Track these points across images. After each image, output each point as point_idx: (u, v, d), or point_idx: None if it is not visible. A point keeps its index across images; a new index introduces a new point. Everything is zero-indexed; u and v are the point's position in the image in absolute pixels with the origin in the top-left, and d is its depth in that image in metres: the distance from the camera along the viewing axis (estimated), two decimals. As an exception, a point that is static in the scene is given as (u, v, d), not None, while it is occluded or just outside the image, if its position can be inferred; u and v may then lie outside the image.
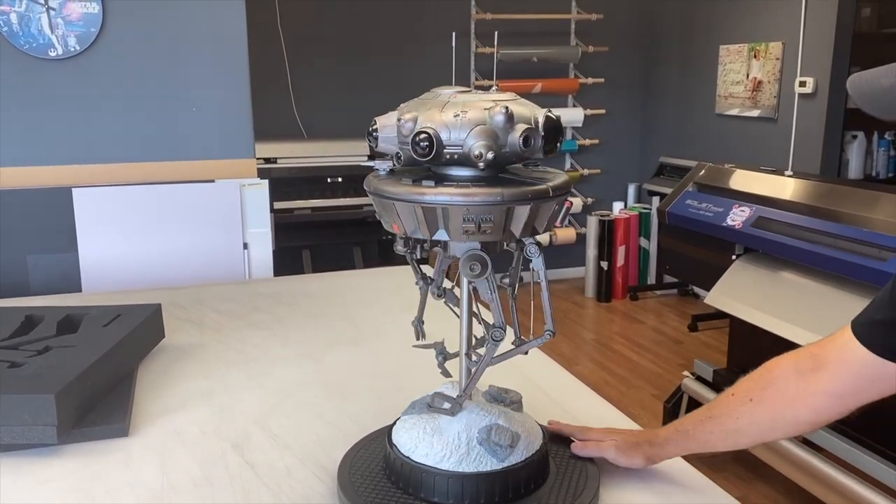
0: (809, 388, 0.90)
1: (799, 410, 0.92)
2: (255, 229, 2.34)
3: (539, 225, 0.91)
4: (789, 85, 4.17)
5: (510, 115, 0.86)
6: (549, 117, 0.91)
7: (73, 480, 1.04)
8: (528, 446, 0.95)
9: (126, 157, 2.26)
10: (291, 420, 1.21)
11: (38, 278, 2.14)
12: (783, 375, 0.93)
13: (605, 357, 4.07)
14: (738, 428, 0.96)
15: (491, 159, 0.85)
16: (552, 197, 0.89)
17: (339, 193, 4.19)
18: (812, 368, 0.91)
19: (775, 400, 0.93)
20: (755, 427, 0.95)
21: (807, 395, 0.91)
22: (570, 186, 0.94)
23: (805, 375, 0.91)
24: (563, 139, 0.94)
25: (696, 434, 0.99)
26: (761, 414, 0.94)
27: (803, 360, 0.92)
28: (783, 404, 0.93)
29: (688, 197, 2.80)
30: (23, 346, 1.30)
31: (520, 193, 0.87)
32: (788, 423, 0.95)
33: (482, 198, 0.85)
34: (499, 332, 0.92)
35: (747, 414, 0.95)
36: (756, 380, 0.96)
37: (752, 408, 0.94)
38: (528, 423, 0.99)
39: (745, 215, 2.51)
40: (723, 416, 0.97)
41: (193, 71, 2.29)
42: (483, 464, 0.92)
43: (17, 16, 2.09)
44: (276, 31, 4.44)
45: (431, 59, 4.78)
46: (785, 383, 0.93)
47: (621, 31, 5.26)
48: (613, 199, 5.30)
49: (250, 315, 1.75)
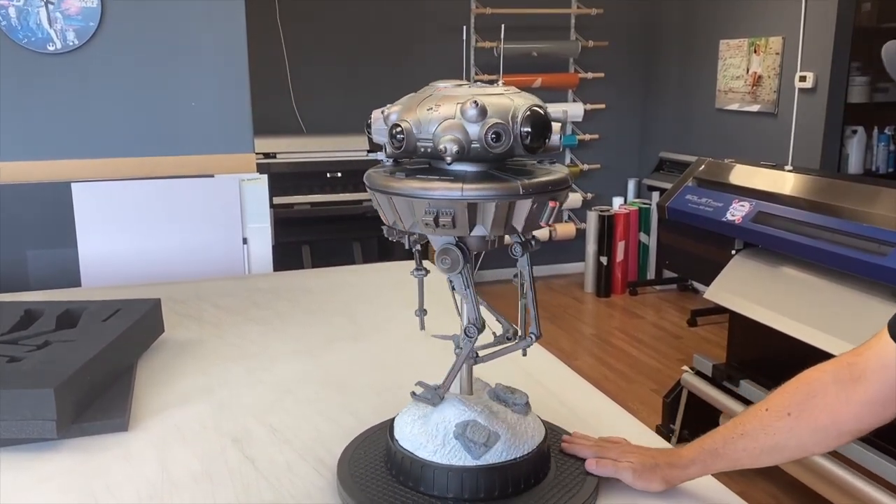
0: (852, 398, 0.88)
1: (842, 422, 0.89)
2: (254, 224, 2.33)
3: (517, 223, 0.87)
4: (789, 80, 4.17)
5: (482, 110, 0.84)
6: (535, 111, 0.86)
7: (72, 475, 1.03)
8: (520, 446, 0.94)
9: (125, 151, 2.26)
10: (291, 415, 1.21)
11: (37, 273, 2.14)
12: (822, 388, 0.90)
13: (605, 352, 4.07)
14: (776, 444, 0.92)
15: (455, 154, 0.83)
16: (524, 196, 0.85)
17: (339, 189, 4.19)
18: (851, 378, 0.88)
19: (817, 413, 0.89)
20: (795, 441, 0.91)
21: (849, 404, 0.88)
22: (562, 185, 0.89)
23: (845, 385, 0.88)
24: (551, 134, 0.88)
25: (726, 452, 0.94)
26: (802, 428, 0.90)
27: (841, 370, 0.90)
28: (825, 416, 0.89)
29: (687, 192, 2.79)
30: (22, 340, 1.30)
31: (484, 189, 0.85)
32: (831, 436, 0.91)
33: (441, 192, 0.84)
34: (472, 328, 0.93)
35: (786, 429, 0.91)
36: (792, 393, 0.92)
37: (791, 422, 0.91)
38: (523, 424, 0.97)
39: (744, 210, 2.51)
40: (757, 433, 0.93)
41: (193, 65, 2.28)
42: (457, 458, 0.92)
43: (15, 10, 2.09)
44: (275, 25, 4.43)
45: (431, 54, 4.78)
46: (825, 395, 0.89)
47: (621, 25, 5.25)
48: (613, 194, 5.30)
49: (250, 310, 1.75)
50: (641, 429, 1.18)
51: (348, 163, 4.22)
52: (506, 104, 0.87)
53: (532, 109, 0.86)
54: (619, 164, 5.44)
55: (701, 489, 1.00)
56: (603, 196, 5.34)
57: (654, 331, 4.39)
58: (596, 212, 5.03)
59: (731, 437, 0.94)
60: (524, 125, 0.85)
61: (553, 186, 0.88)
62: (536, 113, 0.86)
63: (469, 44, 4.87)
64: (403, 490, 0.93)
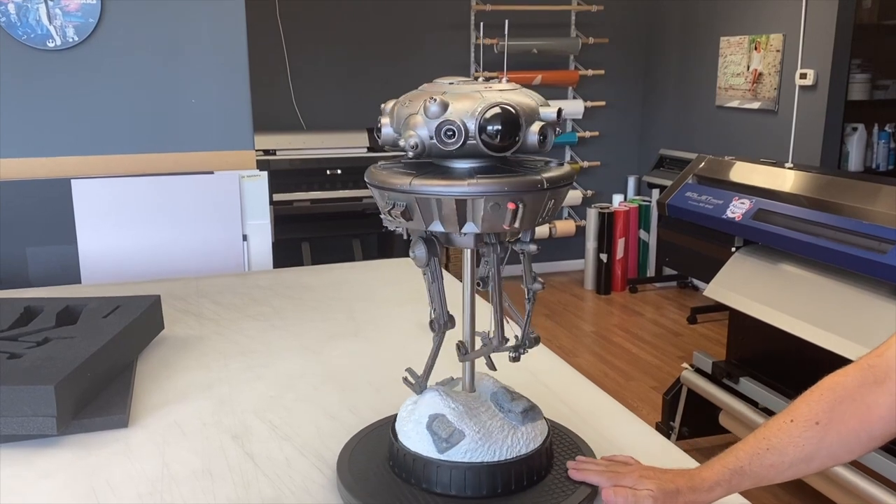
0: (879, 401, 0.86)
1: (873, 426, 0.87)
2: (254, 221, 2.33)
3: (475, 222, 0.85)
4: (790, 77, 4.17)
5: (442, 106, 0.84)
6: (505, 110, 0.83)
7: (72, 471, 1.04)
8: (493, 449, 0.92)
9: (125, 148, 2.26)
10: (291, 411, 1.21)
11: (37, 270, 2.14)
12: (848, 393, 0.88)
13: (605, 349, 4.07)
14: (807, 455, 0.88)
15: (413, 147, 0.85)
16: (471, 194, 0.83)
17: (339, 185, 4.19)
18: (875, 381, 0.86)
19: (847, 418, 0.87)
20: (826, 450, 0.88)
21: (877, 407, 0.86)
22: (523, 188, 0.84)
23: (870, 388, 0.86)
24: (521, 135, 0.85)
25: (752, 470, 0.90)
26: (833, 437, 0.88)
27: (864, 373, 0.88)
28: (855, 422, 0.87)
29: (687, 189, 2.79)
30: (22, 337, 1.30)
31: (431, 184, 0.84)
32: (863, 442, 0.88)
33: (394, 185, 0.87)
34: (434, 324, 0.94)
35: (815, 439, 0.88)
36: (818, 401, 0.89)
37: (820, 432, 0.88)
38: (507, 430, 0.95)
39: (744, 207, 2.51)
40: (785, 446, 0.89)
41: (193, 62, 2.28)
42: (424, 448, 0.93)
43: (15, 6, 2.08)
44: (275, 21, 4.42)
45: (432, 51, 4.78)
46: (852, 401, 0.87)
47: (622, 22, 5.25)
48: (613, 191, 5.30)
49: (249, 307, 1.75)
50: (641, 426, 1.18)
51: (348, 159, 4.22)
52: (469, 103, 0.85)
53: (504, 107, 0.84)
54: (619, 161, 5.44)
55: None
56: (603, 193, 5.34)
57: (653, 328, 4.39)
58: (596, 209, 5.03)
59: (757, 452, 0.90)
60: (486, 123, 0.83)
61: (512, 188, 0.84)
62: (506, 112, 0.84)
63: (469, 40, 4.87)
64: (403, 486, 0.94)
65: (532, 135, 0.86)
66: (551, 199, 0.88)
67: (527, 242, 0.94)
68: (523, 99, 0.88)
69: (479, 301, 1.00)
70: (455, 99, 0.85)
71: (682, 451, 1.10)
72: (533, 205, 0.86)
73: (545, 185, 0.86)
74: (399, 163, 0.95)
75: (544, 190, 0.86)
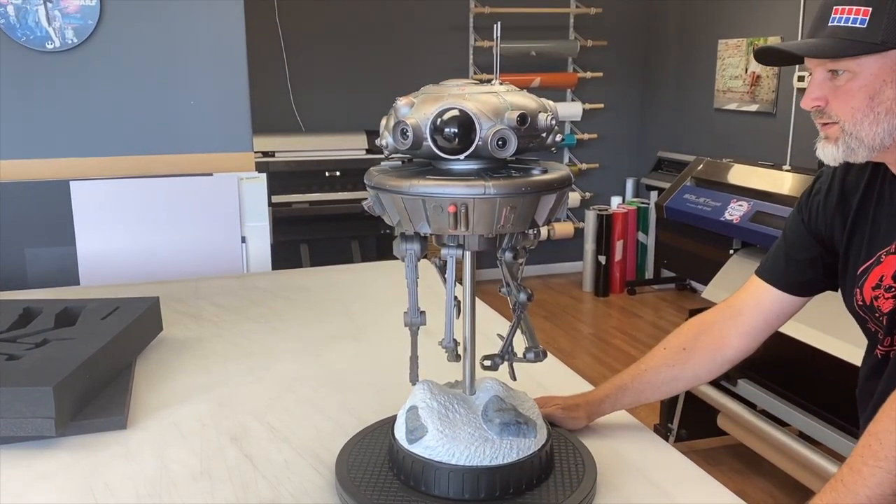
0: (732, 331, 1.13)
1: (725, 351, 1.13)
2: (253, 223, 2.34)
3: (416, 222, 0.87)
4: (788, 79, 4.17)
5: (409, 107, 0.86)
6: (456, 114, 0.82)
7: (71, 473, 1.04)
8: (458, 452, 0.92)
9: (124, 150, 2.26)
10: (290, 413, 1.21)
11: (36, 271, 2.13)
12: (708, 326, 1.15)
13: (603, 351, 4.08)
14: (675, 375, 1.14)
15: (385, 146, 0.88)
16: (408, 194, 0.85)
17: (338, 187, 4.19)
18: (731, 316, 1.14)
19: (706, 346, 1.14)
20: (690, 371, 1.14)
21: (730, 337, 1.13)
22: (460, 193, 0.83)
23: (726, 323, 1.14)
24: (476, 136, 0.83)
25: (634, 386, 1.13)
26: (696, 359, 1.14)
27: (722, 311, 1.16)
28: (713, 348, 1.13)
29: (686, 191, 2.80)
30: (21, 338, 1.30)
31: (387, 183, 0.88)
32: (717, 363, 1.14)
33: (369, 181, 0.91)
34: (405, 316, 0.96)
35: (682, 361, 1.14)
36: (686, 333, 1.16)
37: (686, 356, 1.14)
38: (480, 438, 0.94)
39: (743, 210, 2.52)
40: (659, 367, 1.14)
41: (191, 64, 2.28)
42: (399, 434, 0.97)
43: (14, 8, 2.08)
44: (274, 24, 4.42)
45: (431, 54, 4.78)
46: (711, 332, 1.14)
47: (620, 25, 5.25)
48: (611, 193, 5.30)
49: (248, 309, 1.75)
50: (639, 428, 1.18)
51: (347, 161, 4.22)
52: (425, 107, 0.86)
53: (460, 111, 0.83)
54: (618, 164, 5.44)
55: (700, 489, 1.01)
56: (601, 195, 5.34)
57: (652, 330, 4.39)
58: (594, 211, 5.03)
59: (637, 373, 1.15)
60: (437, 126, 0.83)
61: (455, 192, 0.83)
62: (456, 116, 0.83)
63: (468, 43, 4.87)
64: (402, 488, 0.94)
65: (491, 139, 0.83)
66: (506, 207, 0.84)
67: (504, 249, 0.92)
68: (522, 100, 0.88)
69: (479, 302, 1.00)
70: (426, 102, 0.86)
71: (680, 453, 1.10)
72: (481, 211, 0.84)
73: (490, 190, 0.83)
74: (404, 163, 0.96)
75: (491, 198, 0.83)
